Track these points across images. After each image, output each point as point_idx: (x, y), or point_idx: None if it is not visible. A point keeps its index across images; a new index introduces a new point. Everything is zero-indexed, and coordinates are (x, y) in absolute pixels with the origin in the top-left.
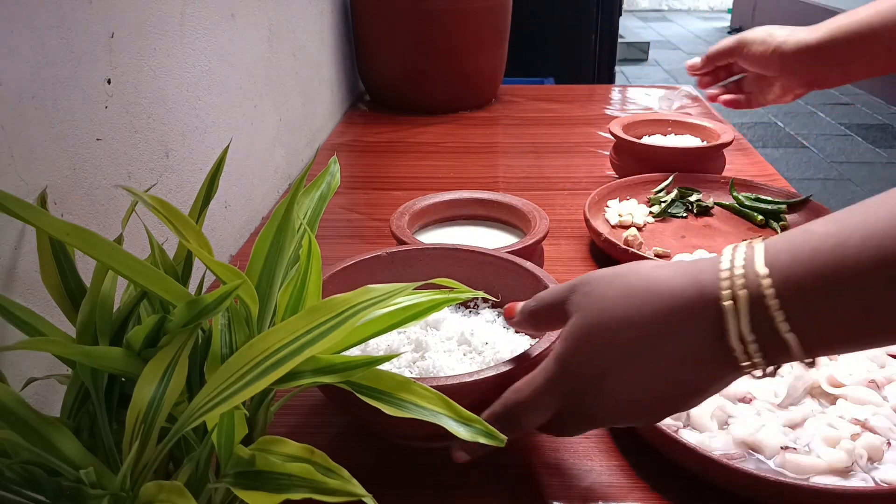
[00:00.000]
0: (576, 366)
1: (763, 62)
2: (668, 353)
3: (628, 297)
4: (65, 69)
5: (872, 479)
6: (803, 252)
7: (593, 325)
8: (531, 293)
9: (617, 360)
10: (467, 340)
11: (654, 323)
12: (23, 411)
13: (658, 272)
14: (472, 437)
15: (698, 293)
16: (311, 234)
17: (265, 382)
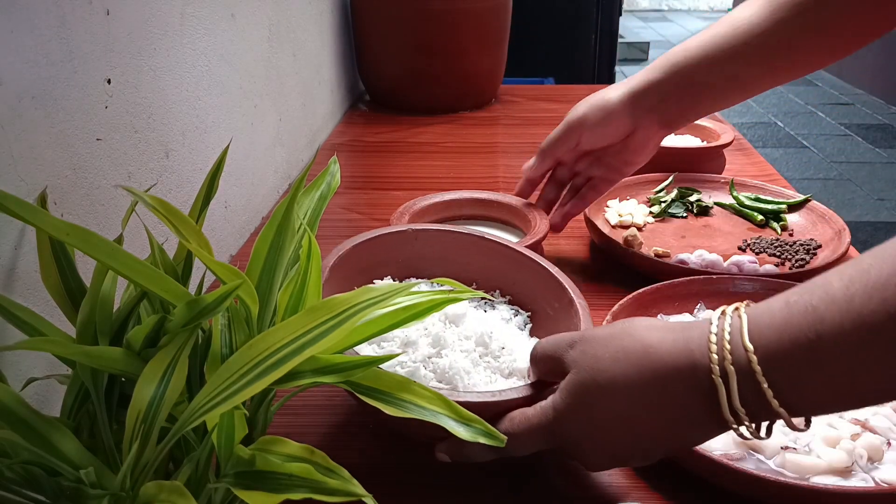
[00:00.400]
0: (570, 420)
1: (610, 125)
2: (661, 417)
3: (622, 360)
4: (65, 69)
5: (872, 479)
6: (786, 328)
7: (589, 384)
8: (546, 290)
9: (610, 420)
10: (485, 343)
11: (648, 389)
12: (23, 411)
13: (651, 336)
14: (473, 437)
15: (689, 365)
16: (311, 234)
17: (265, 382)
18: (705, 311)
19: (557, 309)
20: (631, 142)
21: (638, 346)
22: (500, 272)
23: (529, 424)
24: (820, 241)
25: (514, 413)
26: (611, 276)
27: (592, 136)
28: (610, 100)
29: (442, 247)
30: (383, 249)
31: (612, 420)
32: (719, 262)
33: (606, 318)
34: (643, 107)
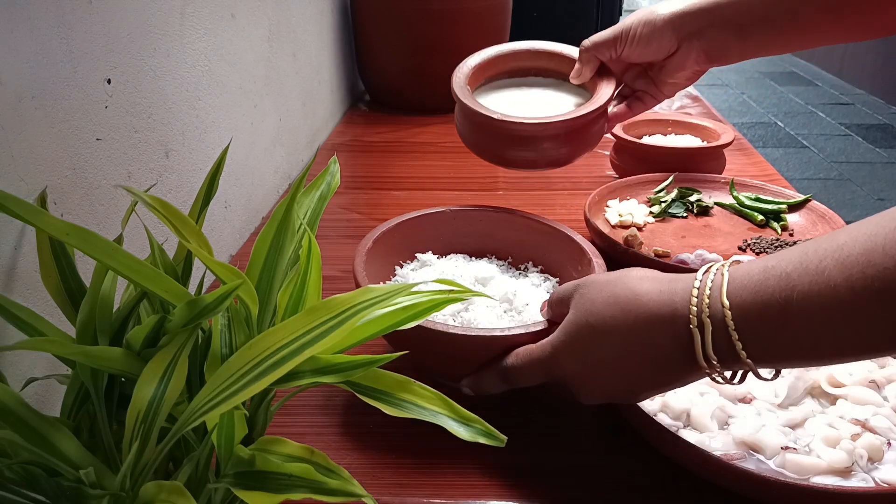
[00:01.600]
0: (564, 356)
1: (655, 41)
2: (643, 358)
3: (613, 305)
4: (65, 69)
5: (872, 479)
6: (761, 290)
7: (582, 325)
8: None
9: (598, 358)
10: (510, 300)
11: (633, 333)
12: (23, 411)
13: (641, 286)
14: (472, 437)
15: (671, 315)
16: (310, 234)
17: (265, 382)
18: None
19: (580, 272)
20: (671, 62)
21: (629, 294)
22: (532, 244)
23: (531, 358)
24: None
25: (519, 349)
26: None
27: (634, 50)
28: (657, 16)
29: (479, 224)
30: (424, 229)
31: (601, 359)
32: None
33: None
34: (687, 30)
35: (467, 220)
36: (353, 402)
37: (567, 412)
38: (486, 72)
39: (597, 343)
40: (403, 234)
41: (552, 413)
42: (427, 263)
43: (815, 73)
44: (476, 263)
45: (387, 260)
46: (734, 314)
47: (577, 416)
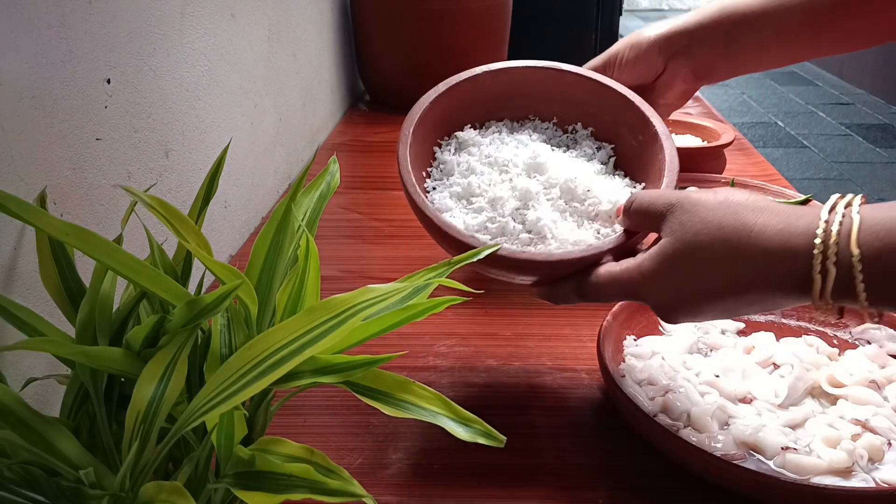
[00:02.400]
0: (655, 286)
1: (642, 63)
2: (748, 294)
3: (720, 239)
4: (65, 69)
5: (873, 479)
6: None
7: (680, 257)
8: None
9: (696, 291)
10: (570, 189)
11: (741, 272)
12: (22, 411)
13: (754, 218)
14: (471, 437)
15: (791, 256)
16: (308, 235)
17: (265, 383)
18: None
19: (641, 142)
20: (660, 83)
21: (740, 227)
22: (581, 103)
23: (615, 282)
24: None
25: (600, 270)
26: None
27: (623, 73)
28: (643, 39)
29: (517, 86)
30: (461, 98)
31: (698, 292)
32: None
33: (607, 319)
34: (673, 50)
35: (507, 81)
36: (353, 402)
37: (567, 412)
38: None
39: (696, 277)
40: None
41: (552, 413)
42: (467, 144)
43: (816, 73)
44: (519, 136)
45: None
46: (865, 263)
47: (577, 416)
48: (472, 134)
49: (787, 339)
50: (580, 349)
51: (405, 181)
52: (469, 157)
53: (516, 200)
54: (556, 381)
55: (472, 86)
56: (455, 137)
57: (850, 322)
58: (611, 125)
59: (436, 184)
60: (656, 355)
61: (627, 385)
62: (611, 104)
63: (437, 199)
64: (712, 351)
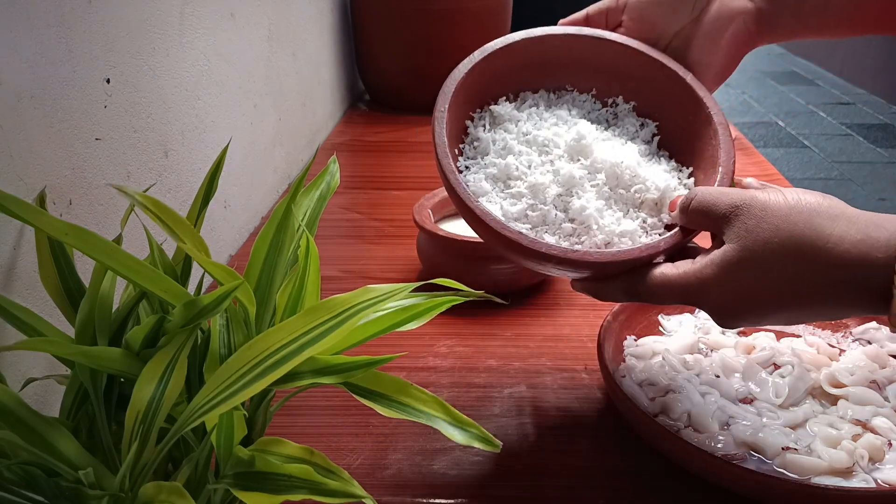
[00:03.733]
0: (715, 292)
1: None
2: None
3: (795, 250)
4: (64, 69)
5: (873, 479)
6: None
7: (751, 265)
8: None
9: (765, 304)
10: (616, 175)
11: (813, 283)
12: (22, 412)
13: (831, 227)
14: (467, 441)
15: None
16: (308, 236)
17: (264, 383)
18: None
19: (691, 122)
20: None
21: (814, 237)
22: (623, 76)
23: (670, 285)
24: None
25: (654, 273)
26: None
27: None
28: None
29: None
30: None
31: (764, 301)
32: None
33: (607, 319)
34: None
35: (544, 49)
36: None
37: (567, 412)
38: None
39: (763, 287)
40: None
41: (552, 413)
42: (503, 119)
43: (816, 73)
44: (559, 112)
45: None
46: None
47: (577, 416)
48: (508, 108)
49: (787, 339)
50: (580, 349)
51: (444, 167)
52: (506, 135)
53: (558, 187)
54: (556, 381)
55: (507, 55)
56: (489, 111)
57: (851, 322)
58: (656, 101)
59: (469, 163)
60: (656, 355)
61: (627, 385)
62: (657, 78)
63: (472, 180)
64: (712, 351)
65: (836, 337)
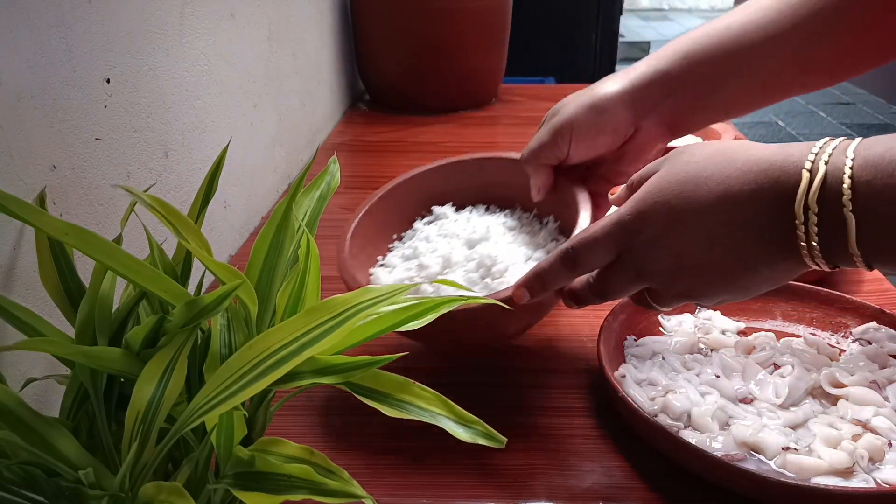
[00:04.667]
0: (646, 210)
1: (608, 127)
2: (735, 216)
3: (716, 156)
4: (64, 69)
5: (874, 479)
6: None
7: (675, 175)
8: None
9: (685, 212)
10: (486, 265)
11: (731, 179)
12: (22, 412)
13: (757, 144)
14: (472, 438)
15: (783, 159)
16: (309, 235)
17: (264, 383)
18: (706, 310)
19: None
20: (629, 148)
21: (739, 146)
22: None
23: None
24: None
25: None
26: None
27: (584, 144)
28: (606, 96)
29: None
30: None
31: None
32: None
33: (607, 319)
34: (647, 102)
35: (494, 169)
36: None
37: (567, 412)
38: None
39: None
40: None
41: (552, 413)
42: (439, 217)
43: None
44: (491, 218)
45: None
46: (856, 164)
47: (577, 416)
48: (446, 209)
49: (787, 339)
50: (580, 349)
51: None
52: (433, 228)
53: (438, 266)
54: (556, 381)
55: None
56: (432, 212)
57: (851, 322)
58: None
59: (397, 244)
60: (656, 355)
61: (627, 385)
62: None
63: (390, 256)
64: (712, 351)
65: (836, 337)
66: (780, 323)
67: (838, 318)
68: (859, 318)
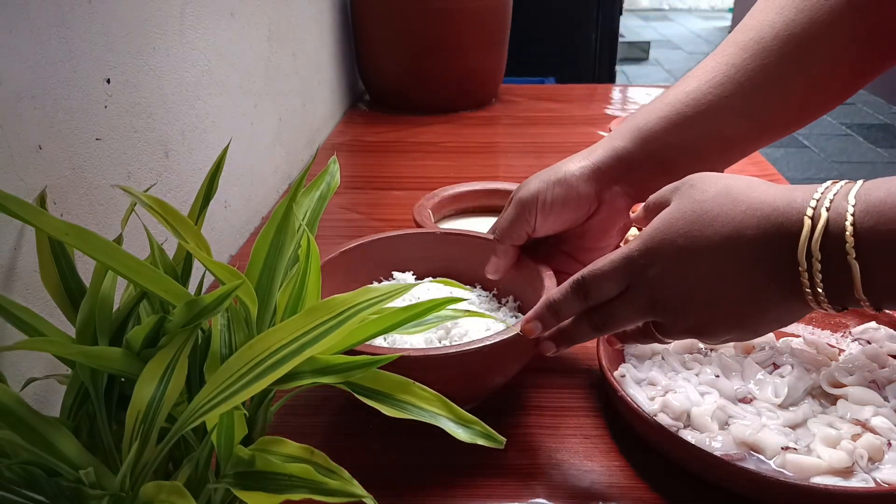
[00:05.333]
0: (654, 247)
1: (572, 202)
2: (743, 256)
3: (720, 196)
4: (64, 69)
5: (873, 479)
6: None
7: (686, 211)
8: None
9: (692, 251)
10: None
11: (736, 221)
12: (22, 411)
13: (762, 184)
14: (471, 438)
15: (786, 205)
16: (309, 235)
17: (265, 383)
18: None
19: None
20: (594, 223)
21: (745, 187)
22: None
23: (612, 258)
24: None
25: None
26: None
27: (549, 218)
28: (570, 171)
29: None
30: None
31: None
32: None
33: None
34: (609, 177)
35: (456, 244)
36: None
37: (567, 412)
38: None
39: (696, 231)
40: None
41: (552, 413)
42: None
43: None
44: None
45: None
46: (857, 211)
47: (577, 416)
48: (408, 276)
49: (786, 339)
50: (580, 349)
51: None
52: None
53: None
54: (556, 381)
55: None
56: (393, 276)
57: (850, 322)
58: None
59: None
60: (656, 355)
61: (627, 385)
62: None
63: None
64: (711, 351)
65: (835, 337)
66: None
67: (837, 318)
68: (859, 318)
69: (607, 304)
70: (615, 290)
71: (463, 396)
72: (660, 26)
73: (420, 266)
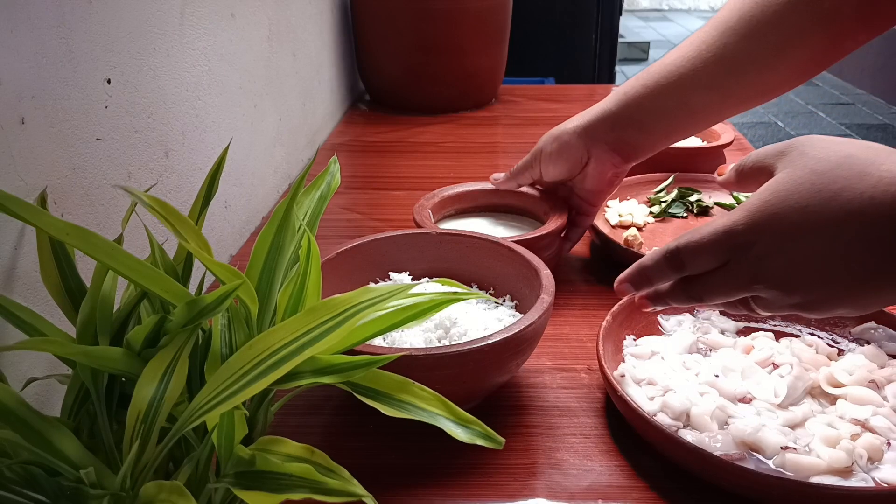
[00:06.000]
0: (762, 222)
1: (565, 154)
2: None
3: (849, 166)
4: (65, 69)
5: (872, 479)
6: None
7: (803, 183)
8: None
9: (810, 227)
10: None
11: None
12: (23, 411)
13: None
14: (470, 438)
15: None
16: (310, 235)
17: (265, 382)
18: (706, 311)
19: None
20: (589, 172)
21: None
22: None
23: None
24: None
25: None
26: (611, 276)
27: (550, 167)
28: (565, 131)
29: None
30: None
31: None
32: None
33: (606, 319)
34: (595, 136)
35: (452, 245)
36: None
37: (567, 412)
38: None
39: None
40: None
41: (552, 413)
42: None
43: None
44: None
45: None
46: None
47: (576, 416)
48: (404, 276)
49: (786, 340)
50: (580, 349)
51: None
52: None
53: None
54: (556, 381)
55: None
56: (390, 277)
57: (849, 321)
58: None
59: None
60: (656, 355)
61: (626, 385)
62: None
63: None
64: (712, 351)
65: (835, 336)
66: (778, 322)
67: (837, 318)
68: (858, 318)
69: (704, 276)
70: (713, 264)
71: (462, 396)
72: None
73: (419, 266)
